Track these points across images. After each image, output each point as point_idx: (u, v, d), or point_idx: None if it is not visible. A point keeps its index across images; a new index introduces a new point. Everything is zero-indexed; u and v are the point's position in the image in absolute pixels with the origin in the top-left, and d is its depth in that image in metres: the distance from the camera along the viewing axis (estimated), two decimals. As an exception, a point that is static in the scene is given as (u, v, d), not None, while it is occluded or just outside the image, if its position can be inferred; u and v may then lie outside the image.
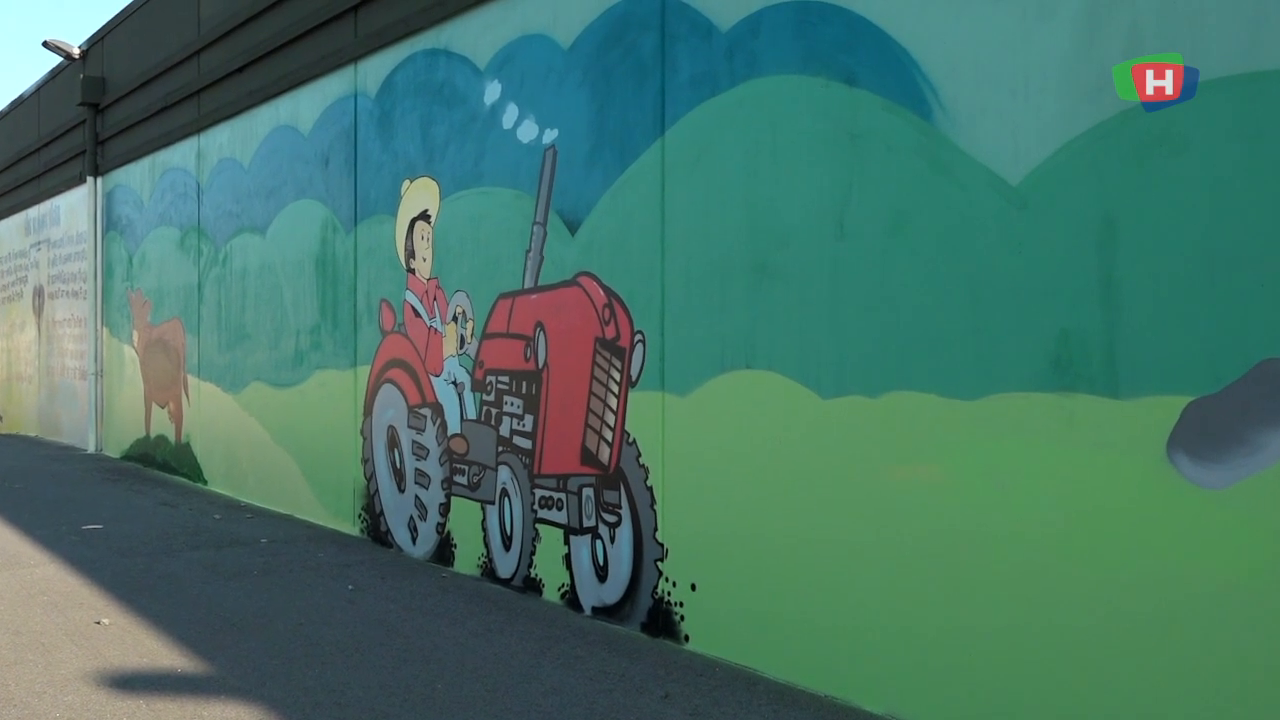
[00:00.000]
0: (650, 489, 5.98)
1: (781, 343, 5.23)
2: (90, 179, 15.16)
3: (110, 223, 14.89)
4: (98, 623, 6.15)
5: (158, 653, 5.62)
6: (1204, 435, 3.71)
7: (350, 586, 7.11)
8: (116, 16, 14.59)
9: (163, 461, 13.12)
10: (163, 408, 13.17)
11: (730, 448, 5.50)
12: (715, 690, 5.08)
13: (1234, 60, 3.67)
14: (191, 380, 12.27)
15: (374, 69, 8.72)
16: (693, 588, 5.73)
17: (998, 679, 4.31)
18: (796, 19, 5.18)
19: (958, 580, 4.47)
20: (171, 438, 12.88)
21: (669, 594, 5.87)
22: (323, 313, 9.46)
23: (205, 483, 11.93)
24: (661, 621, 5.90)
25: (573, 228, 6.56)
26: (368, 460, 8.80)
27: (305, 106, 9.81)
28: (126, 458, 14.34)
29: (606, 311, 6.29)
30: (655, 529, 5.95)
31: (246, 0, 10.84)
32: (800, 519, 5.12)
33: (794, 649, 5.17)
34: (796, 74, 5.17)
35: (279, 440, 10.26)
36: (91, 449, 15.30)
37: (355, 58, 8.96)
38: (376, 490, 8.68)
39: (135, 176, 13.98)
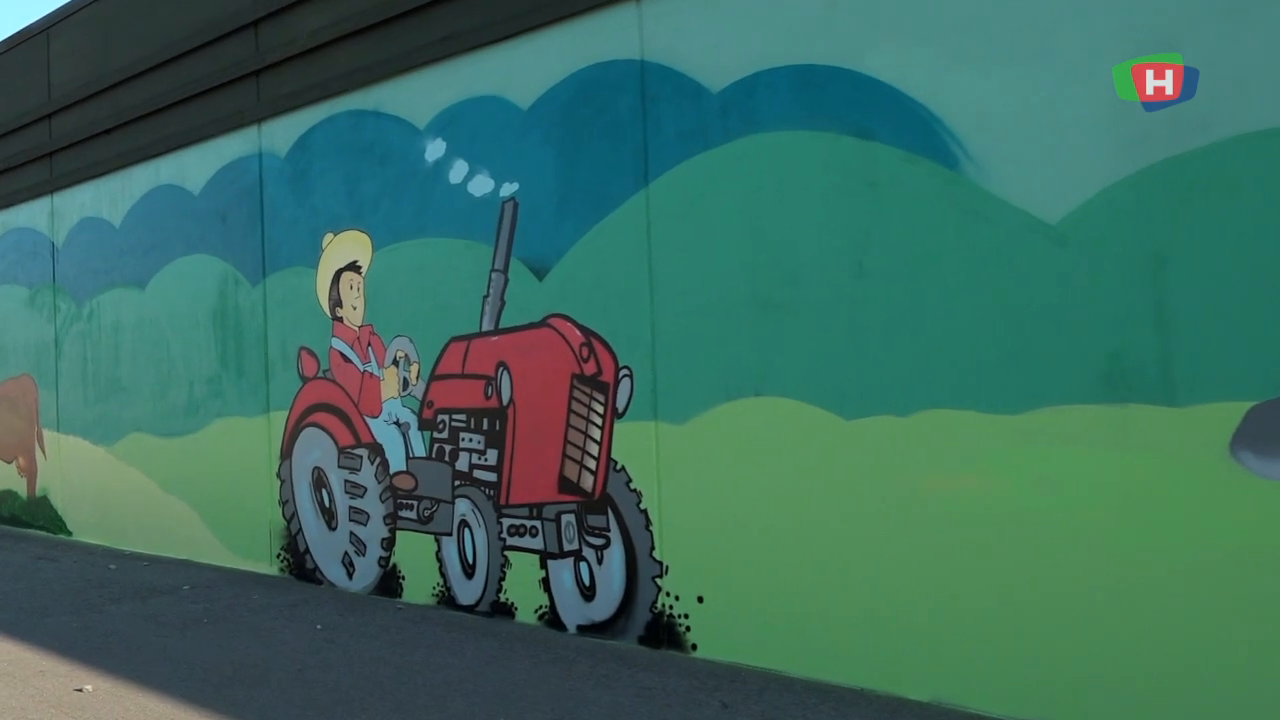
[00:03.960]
0: (644, 511, 5.28)
1: (796, 371, 4.70)
2: (-92, 240, 12.47)
3: (-67, 283, 12.29)
4: (78, 690, 4.72)
5: (175, 716, 4.34)
6: (1268, 434, 3.52)
7: (318, 626, 5.91)
8: (-63, 81, 12.12)
9: (11, 516, 10.84)
10: (9, 463, 10.91)
11: (740, 470, 4.90)
12: (762, 694, 4.45)
13: (1283, 114, 3.53)
14: (49, 434, 10.20)
15: (283, 129, 7.50)
16: (699, 600, 5.08)
17: (1055, 665, 3.96)
18: (798, 80, 4.71)
19: (1000, 575, 4.10)
20: (23, 492, 10.65)
21: (670, 607, 5.18)
22: (223, 363, 8.03)
23: (69, 534, 9.90)
24: (664, 634, 5.20)
25: (540, 274, 5.78)
26: (287, 501, 7.48)
27: (193, 166, 8.33)
28: (-39, 514, 11.79)
29: (585, 350, 5.55)
30: (652, 548, 5.25)
31: (115, 66, 9.15)
32: (825, 530, 4.60)
33: (821, 649, 4.62)
34: (801, 129, 4.70)
35: (169, 488, 8.60)
36: (-85, 508, 12.50)
37: (259, 119, 7.68)
38: (299, 529, 7.38)
39: (-33, 237, 11.60)
